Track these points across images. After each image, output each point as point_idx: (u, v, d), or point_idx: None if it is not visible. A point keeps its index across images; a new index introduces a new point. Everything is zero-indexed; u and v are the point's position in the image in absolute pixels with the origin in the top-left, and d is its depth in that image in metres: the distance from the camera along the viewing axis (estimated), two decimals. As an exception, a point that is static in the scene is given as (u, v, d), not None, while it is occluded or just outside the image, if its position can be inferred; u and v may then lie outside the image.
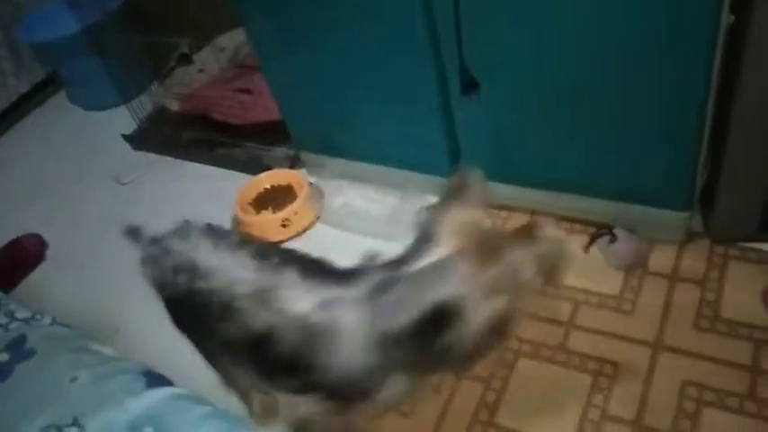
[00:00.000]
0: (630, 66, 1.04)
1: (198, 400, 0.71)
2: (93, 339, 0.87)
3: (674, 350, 1.10)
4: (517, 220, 1.38)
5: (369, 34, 1.26)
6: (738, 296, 1.15)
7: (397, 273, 0.81)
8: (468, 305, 0.76)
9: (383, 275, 0.81)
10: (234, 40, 2.07)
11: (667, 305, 1.17)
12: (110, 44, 1.96)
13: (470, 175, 0.87)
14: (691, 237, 1.25)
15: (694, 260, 1.22)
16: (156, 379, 0.75)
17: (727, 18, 0.95)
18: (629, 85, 1.06)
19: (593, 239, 1.29)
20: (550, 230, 0.83)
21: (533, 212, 1.39)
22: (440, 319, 0.77)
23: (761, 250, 1.21)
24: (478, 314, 0.77)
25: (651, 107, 1.07)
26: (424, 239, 0.83)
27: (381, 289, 0.80)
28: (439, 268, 0.78)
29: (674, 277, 1.21)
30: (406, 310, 0.77)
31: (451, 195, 0.86)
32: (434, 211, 0.85)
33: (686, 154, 1.11)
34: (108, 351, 0.83)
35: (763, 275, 1.16)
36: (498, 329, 0.80)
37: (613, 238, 1.25)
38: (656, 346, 1.11)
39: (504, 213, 1.41)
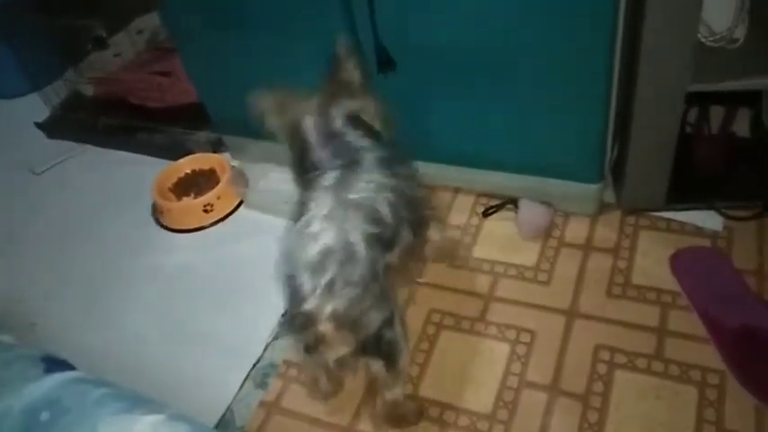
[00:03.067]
0: (537, 38, 1.06)
1: (99, 382, 0.69)
2: (-8, 328, 0.83)
3: (587, 317, 1.14)
4: (439, 198, 1.40)
5: (286, 15, 1.25)
6: (648, 263, 1.20)
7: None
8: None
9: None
10: (152, 22, 2.01)
11: (581, 274, 1.20)
12: (16, 27, 1.86)
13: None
14: (603, 208, 1.29)
15: (607, 230, 1.27)
16: (55, 364, 0.72)
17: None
18: (535, 59, 1.08)
19: (489, 210, 1.35)
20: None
21: (455, 189, 1.40)
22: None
23: (669, 219, 1.26)
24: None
25: (557, 82, 1.10)
26: None
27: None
28: None
29: (587, 247, 1.25)
30: None
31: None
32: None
33: (594, 128, 1.14)
34: (6, 339, 0.79)
35: (671, 243, 1.22)
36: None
37: (514, 208, 1.31)
38: (570, 313, 1.15)
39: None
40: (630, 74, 1.10)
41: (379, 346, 0.87)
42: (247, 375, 1.17)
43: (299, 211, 0.92)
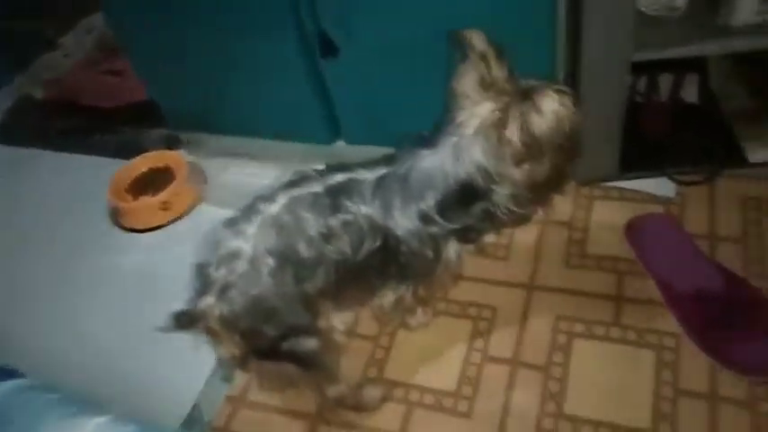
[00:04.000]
0: (480, 18, 1.06)
1: (46, 388, 0.69)
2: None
3: (546, 289, 1.15)
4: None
5: (229, 6, 1.23)
6: (603, 233, 1.22)
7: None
8: (494, 175, 0.82)
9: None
10: (101, 21, 1.97)
11: (539, 247, 1.22)
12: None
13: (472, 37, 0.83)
14: (558, 181, 1.31)
15: (562, 203, 1.27)
16: (1, 374, 0.71)
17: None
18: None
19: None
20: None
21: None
22: (469, 191, 0.84)
23: (623, 188, 1.28)
24: (509, 181, 0.82)
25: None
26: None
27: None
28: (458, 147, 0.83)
29: (544, 220, 1.26)
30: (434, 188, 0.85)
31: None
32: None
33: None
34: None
35: (624, 211, 1.23)
36: (545, 187, 0.86)
37: None
38: (530, 286, 1.16)
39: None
40: (575, 46, 1.10)
41: (285, 355, 0.88)
42: (212, 371, 1.17)
43: (253, 203, 0.89)
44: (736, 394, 0.96)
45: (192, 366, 1.17)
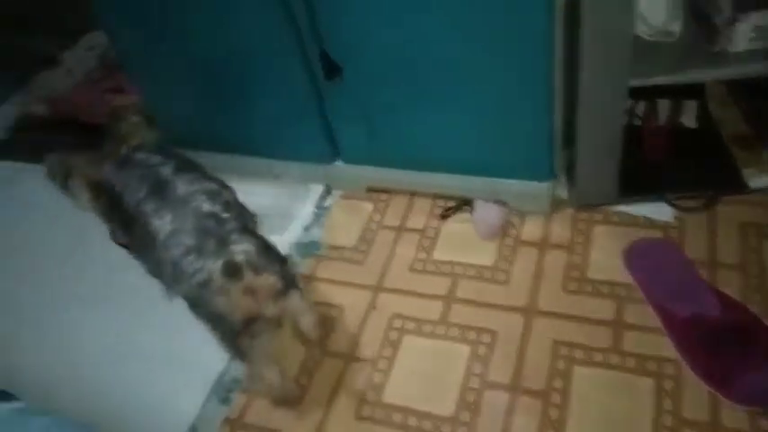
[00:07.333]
0: (480, 45, 1.07)
1: (40, 412, 0.68)
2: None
3: (545, 313, 1.15)
4: (397, 203, 1.40)
5: (232, 25, 1.24)
6: (602, 257, 1.21)
7: None
8: None
9: None
10: (103, 38, 1.98)
11: (538, 272, 1.21)
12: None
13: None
14: (557, 205, 1.30)
15: (561, 227, 1.28)
16: (-8, 397, 0.71)
17: None
18: (480, 65, 1.09)
19: (447, 212, 1.36)
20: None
21: (412, 193, 1.41)
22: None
23: (622, 212, 1.28)
24: None
25: (502, 85, 1.11)
26: None
27: None
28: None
29: (543, 245, 1.26)
30: None
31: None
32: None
33: (541, 127, 1.15)
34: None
35: (623, 236, 1.23)
36: None
37: (470, 210, 1.32)
38: (529, 311, 1.16)
39: (383, 197, 1.42)
40: (573, 71, 1.11)
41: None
42: (210, 392, 1.16)
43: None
44: (738, 425, 0.95)
45: (190, 387, 1.17)
